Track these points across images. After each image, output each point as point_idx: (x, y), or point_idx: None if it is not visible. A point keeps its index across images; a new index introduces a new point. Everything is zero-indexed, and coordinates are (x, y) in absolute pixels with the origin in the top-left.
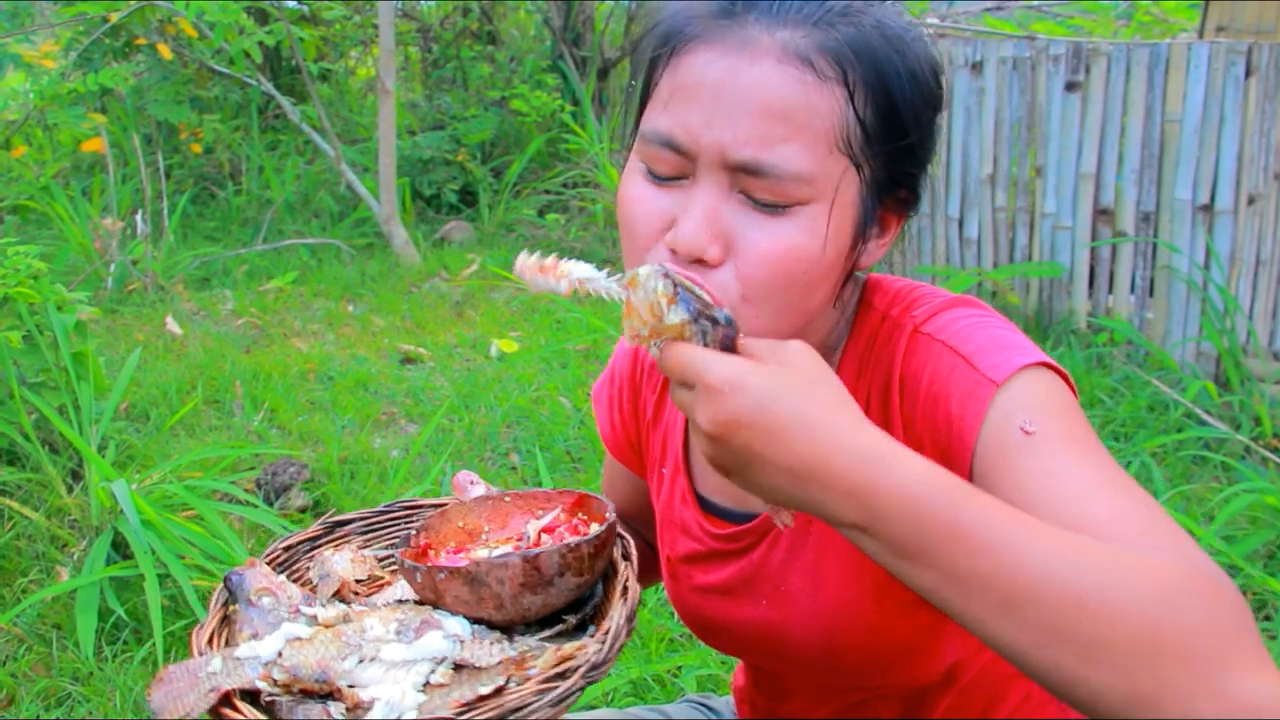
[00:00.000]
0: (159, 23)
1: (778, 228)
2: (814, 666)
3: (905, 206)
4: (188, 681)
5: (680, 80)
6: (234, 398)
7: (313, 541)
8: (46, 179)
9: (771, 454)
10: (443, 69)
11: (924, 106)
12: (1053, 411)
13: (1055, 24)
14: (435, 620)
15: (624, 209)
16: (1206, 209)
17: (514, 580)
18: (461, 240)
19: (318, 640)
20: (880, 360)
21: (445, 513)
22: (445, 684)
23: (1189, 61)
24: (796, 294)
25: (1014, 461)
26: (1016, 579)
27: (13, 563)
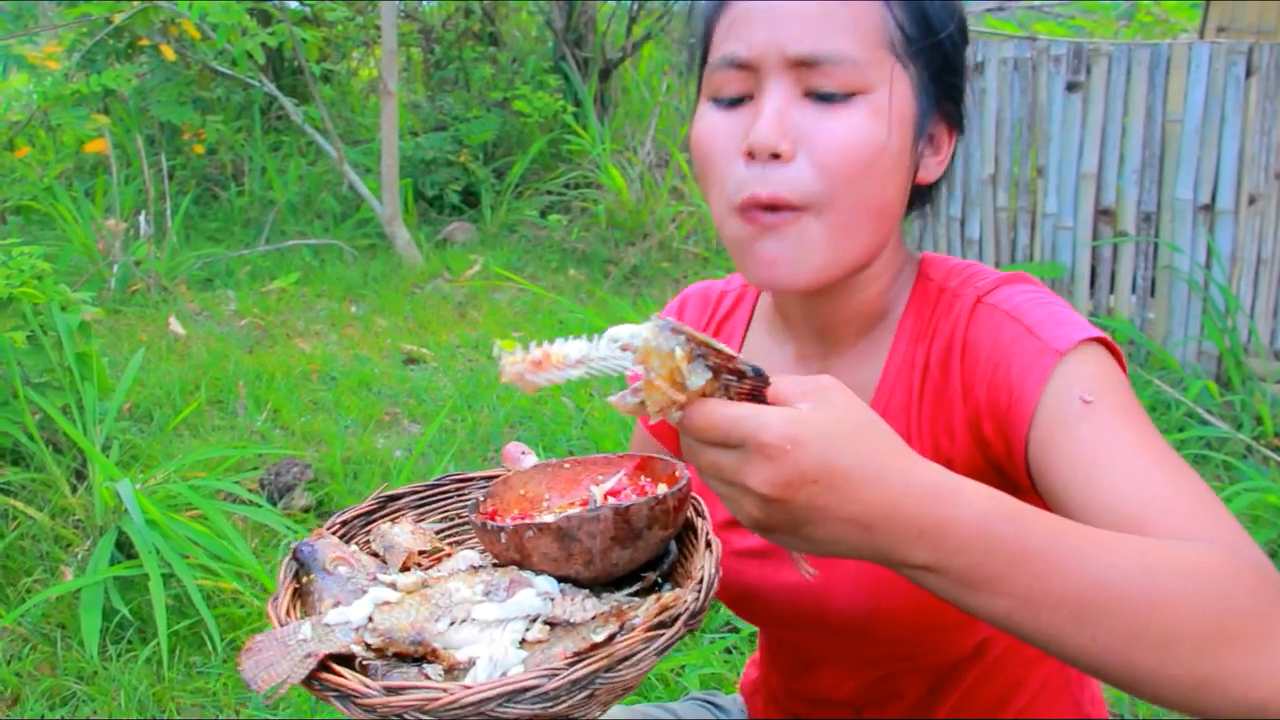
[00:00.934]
0: (162, 24)
1: (844, 116)
2: (848, 634)
3: (954, 122)
4: (278, 650)
5: (734, 17)
6: (237, 398)
7: (367, 516)
8: (50, 180)
9: (836, 507)
10: (445, 70)
11: (949, 17)
12: (1110, 386)
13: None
14: (524, 579)
15: (699, 142)
16: (1208, 209)
17: (605, 534)
18: (464, 241)
19: (407, 604)
20: (939, 327)
21: (508, 480)
22: (543, 640)
23: (1190, 62)
24: (873, 183)
25: (1071, 430)
26: (1088, 593)
27: (17, 562)
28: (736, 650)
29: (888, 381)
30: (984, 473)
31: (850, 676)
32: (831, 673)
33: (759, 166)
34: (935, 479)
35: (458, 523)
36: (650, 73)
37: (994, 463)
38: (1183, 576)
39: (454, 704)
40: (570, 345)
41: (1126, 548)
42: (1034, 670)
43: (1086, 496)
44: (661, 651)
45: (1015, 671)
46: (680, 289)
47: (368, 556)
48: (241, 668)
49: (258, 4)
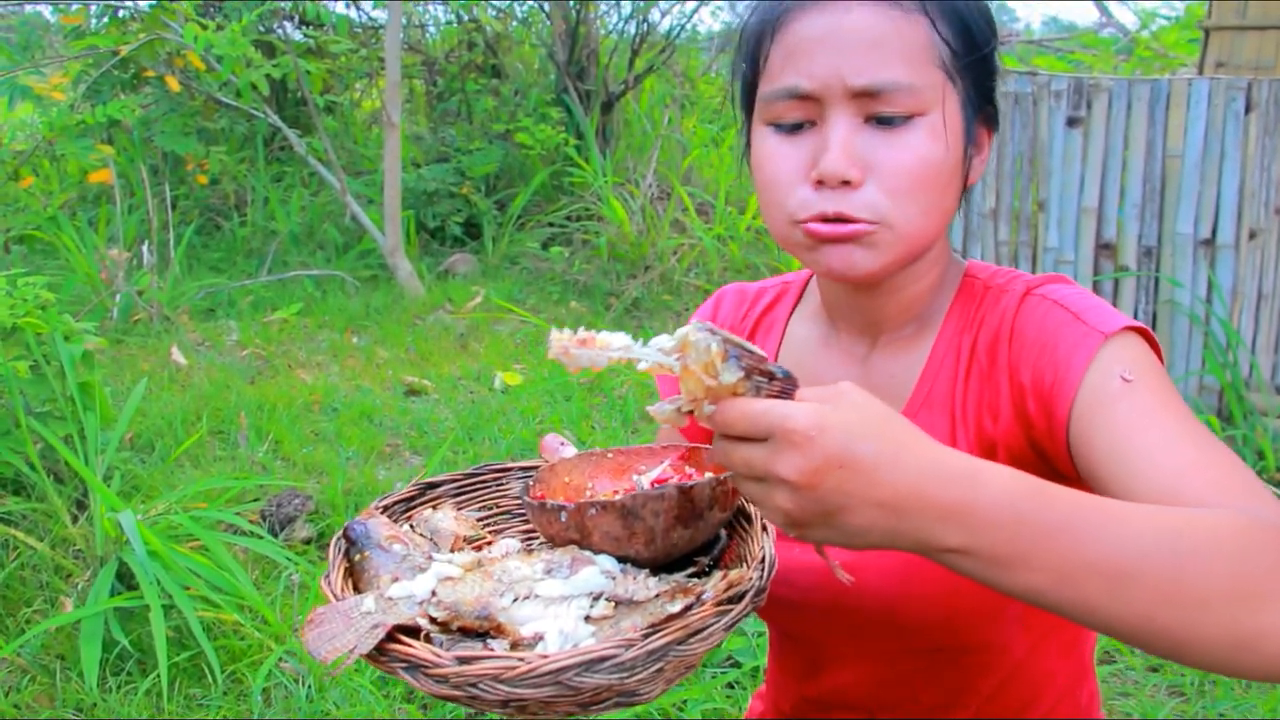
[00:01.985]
0: (168, 55)
1: (906, 140)
2: (874, 619)
3: (991, 122)
4: (341, 622)
5: (790, 45)
6: (239, 429)
7: (408, 503)
8: (54, 209)
9: (865, 491)
10: (447, 102)
11: (987, 27)
12: (1151, 369)
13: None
14: (585, 557)
15: (762, 167)
16: (1208, 243)
17: (668, 513)
18: (465, 272)
19: (470, 579)
20: (986, 318)
21: (554, 468)
22: (609, 616)
23: (1190, 97)
24: (935, 194)
25: (1112, 406)
26: (1118, 561)
27: (17, 593)
28: (739, 686)
29: (932, 368)
30: (1025, 454)
31: (866, 675)
32: (847, 671)
33: (828, 191)
34: (957, 462)
35: (496, 511)
36: (652, 105)
37: (1035, 443)
38: (1207, 539)
39: (530, 673)
40: (614, 336)
41: (1149, 515)
42: (1052, 681)
43: (1123, 468)
44: (729, 627)
45: (1033, 683)
46: (681, 322)
47: (419, 537)
48: (305, 639)
49: (262, 36)
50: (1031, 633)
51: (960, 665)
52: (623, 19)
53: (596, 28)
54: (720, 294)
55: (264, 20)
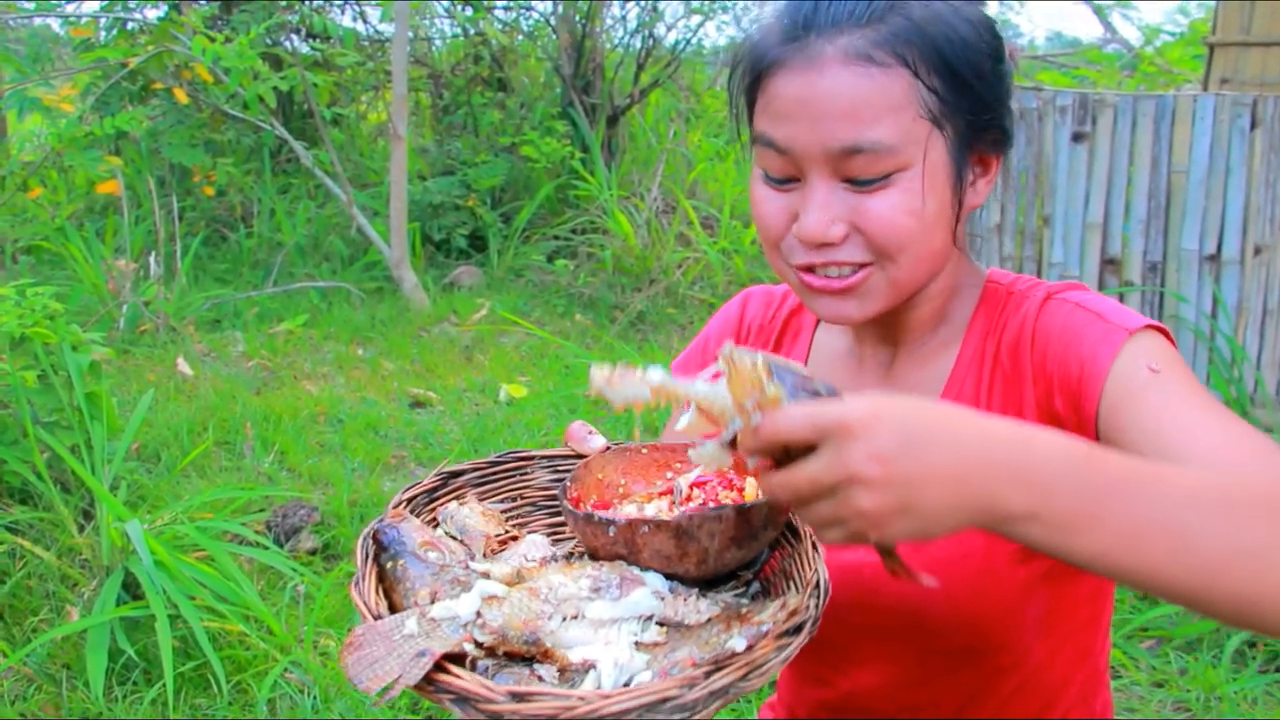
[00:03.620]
0: (175, 68)
1: (884, 198)
2: (900, 620)
3: (998, 146)
4: (383, 646)
5: (770, 101)
6: (244, 439)
7: (430, 494)
8: (61, 220)
9: (933, 470)
10: (453, 115)
11: (983, 59)
12: (1175, 362)
13: (1060, 75)
14: (635, 576)
15: (756, 208)
16: (1213, 259)
17: (724, 534)
18: (471, 285)
19: (514, 599)
20: (1009, 323)
21: (588, 464)
22: (660, 642)
23: (1195, 113)
24: (920, 243)
25: (1141, 396)
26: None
27: (23, 602)
28: (743, 698)
29: (958, 376)
30: None
31: (887, 677)
32: (868, 674)
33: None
34: (1012, 427)
35: (521, 503)
36: (658, 119)
37: None
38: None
39: (593, 714)
40: (653, 370)
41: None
42: (1067, 688)
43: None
44: (786, 660)
45: (1049, 689)
46: (686, 335)
47: (454, 542)
48: (345, 663)
49: (270, 49)
50: (1050, 638)
51: (980, 668)
52: (628, 33)
53: (602, 41)
54: (746, 294)
55: (271, 33)
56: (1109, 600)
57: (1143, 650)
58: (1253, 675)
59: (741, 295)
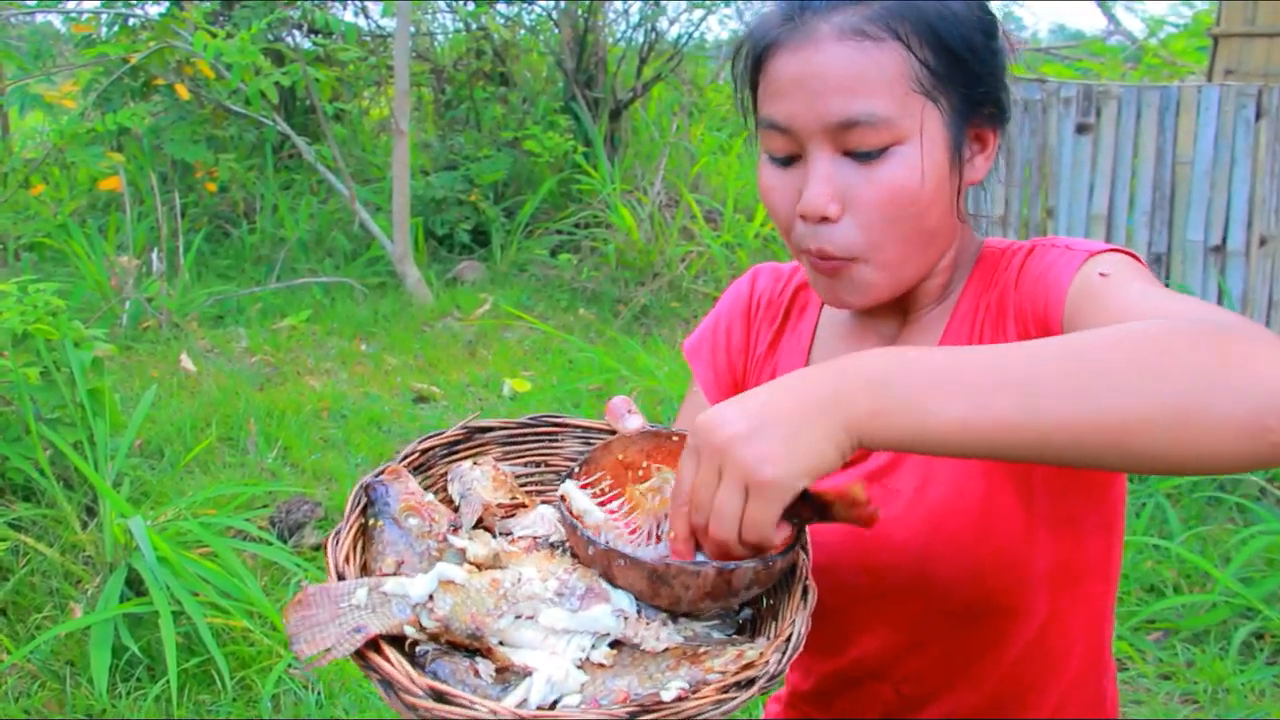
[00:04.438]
0: (177, 63)
1: (880, 173)
2: (904, 577)
3: (995, 120)
4: (329, 610)
5: (770, 82)
6: (248, 435)
7: (451, 446)
8: (64, 217)
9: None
10: (456, 110)
11: (975, 33)
12: (1131, 268)
13: (1064, 67)
14: (602, 590)
15: (763, 193)
16: (1218, 250)
17: (700, 588)
18: (474, 280)
19: (472, 588)
20: (999, 278)
21: (609, 445)
22: (607, 665)
23: (1199, 104)
24: (913, 221)
25: (1094, 298)
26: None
27: (27, 599)
28: None
29: (951, 329)
30: None
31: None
32: (872, 638)
33: (811, 225)
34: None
35: (545, 470)
36: (660, 113)
37: None
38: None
39: None
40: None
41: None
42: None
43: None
44: (727, 713)
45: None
46: (689, 329)
47: (443, 508)
48: (287, 620)
49: (271, 44)
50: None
51: (983, 631)
52: (631, 27)
53: (605, 36)
54: (755, 271)
55: (273, 28)
56: (1117, 567)
57: (1149, 643)
58: (1260, 667)
59: (751, 271)
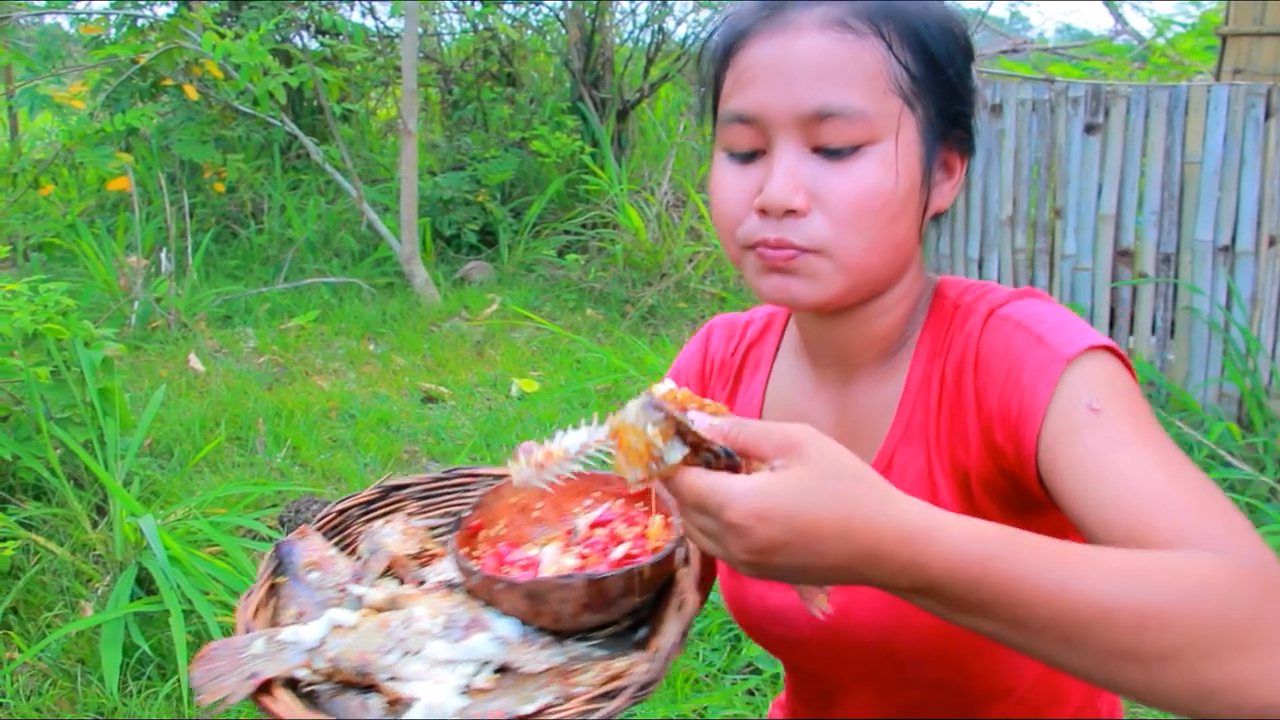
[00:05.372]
0: (186, 64)
1: (853, 169)
2: (873, 655)
3: (964, 147)
4: (229, 661)
5: (740, 70)
6: (257, 435)
7: (367, 506)
8: (73, 217)
9: (815, 561)
10: (463, 110)
11: (954, 48)
12: (1118, 392)
13: (1071, 67)
14: (484, 620)
15: (715, 192)
16: (1227, 250)
17: (576, 601)
18: (481, 280)
19: (363, 629)
20: (954, 342)
21: (498, 490)
22: (488, 689)
23: (1209, 104)
24: (882, 226)
25: (1079, 435)
26: (1075, 617)
27: (38, 597)
28: (759, 692)
29: (908, 399)
30: (997, 482)
31: (877, 705)
32: (858, 701)
33: (773, 221)
34: (911, 520)
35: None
36: (667, 113)
37: (1007, 471)
38: (1176, 588)
39: None
40: (571, 437)
41: (1116, 564)
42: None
43: (1093, 499)
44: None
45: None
46: (697, 328)
47: (345, 561)
48: (192, 674)
49: (279, 45)
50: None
51: (967, 693)
52: (638, 27)
53: (612, 36)
54: (710, 326)
55: (281, 29)
56: None
57: None
58: None
59: (706, 328)
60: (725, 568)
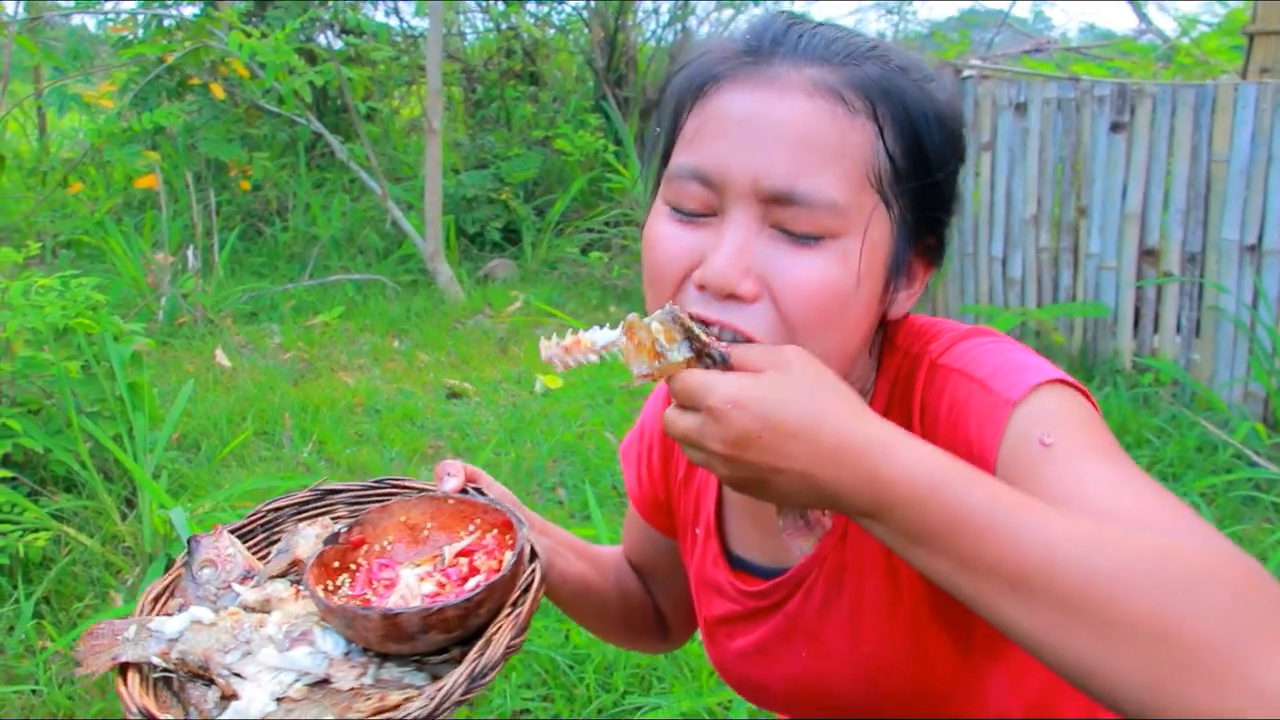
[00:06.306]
0: (212, 63)
1: (812, 260)
2: (858, 715)
3: (933, 256)
4: (107, 640)
5: (708, 117)
6: (283, 430)
7: (300, 506)
8: (100, 215)
9: (784, 462)
10: (486, 109)
11: (949, 150)
12: (1070, 423)
13: (1095, 66)
14: (312, 635)
15: (649, 250)
16: (1254, 249)
17: (376, 631)
18: (505, 277)
19: (218, 627)
20: (899, 398)
21: (388, 507)
22: (298, 699)
23: (1236, 102)
24: (835, 332)
25: (1034, 472)
26: (1023, 562)
27: (69, 588)
28: None
29: None
30: None
31: None
32: None
33: (714, 301)
34: (875, 433)
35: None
36: None
37: None
38: (1135, 560)
39: None
40: (597, 333)
41: (1077, 524)
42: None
43: None
44: None
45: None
46: None
47: (241, 561)
48: (77, 647)
49: (304, 44)
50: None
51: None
52: (661, 26)
53: (635, 35)
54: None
55: (306, 29)
56: None
57: None
58: None
59: (639, 425)
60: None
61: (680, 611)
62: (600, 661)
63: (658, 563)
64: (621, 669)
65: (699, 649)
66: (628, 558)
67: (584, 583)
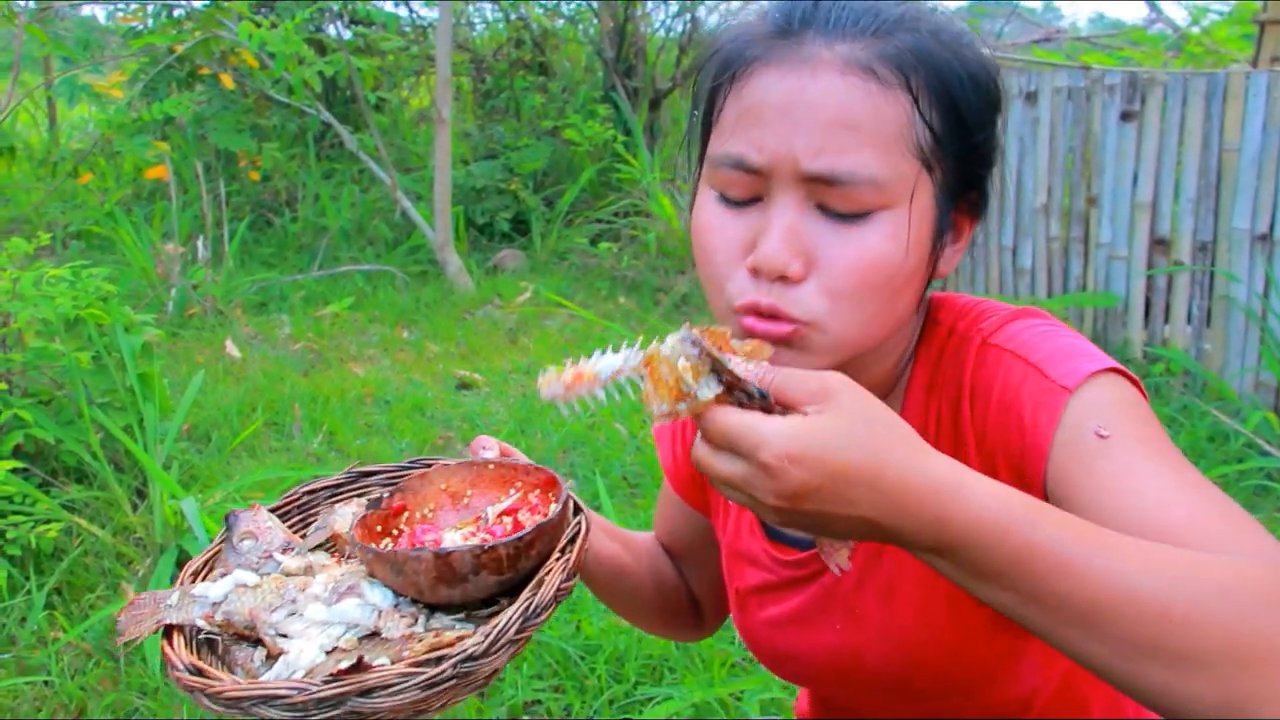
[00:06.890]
0: (222, 53)
1: (859, 237)
2: (889, 691)
3: (975, 210)
4: (150, 609)
5: (745, 103)
6: (293, 420)
7: (335, 489)
8: (110, 205)
9: (844, 509)
10: (496, 99)
11: (985, 106)
12: (1127, 415)
13: (1105, 56)
14: (360, 588)
15: (700, 238)
16: (1265, 238)
17: (427, 573)
18: (514, 268)
19: (262, 589)
20: (949, 376)
21: (427, 475)
22: (347, 650)
23: (1248, 91)
24: (883, 302)
25: (1089, 466)
26: (1095, 597)
27: (80, 579)
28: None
29: None
30: None
31: None
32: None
33: (765, 283)
34: (940, 474)
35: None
36: None
37: None
38: (1206, 586)
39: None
40: (604, 360)
41: (1146, 554)
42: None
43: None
44: (428, 689)
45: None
46: None
47: (281, 534)
48: (118, 618)
49: (314, 35)
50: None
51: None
52: (670, 16)
53: (644, 25)
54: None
55: (315, 19)
56: None
57: None
58: None
59: None
60: (736, 605)
61: (714, 596)
62: (612, 652)
63: (692, 542)
64: (633, 660)
65: (711, 639)
66: (661, 540)
67: (619, 565)
